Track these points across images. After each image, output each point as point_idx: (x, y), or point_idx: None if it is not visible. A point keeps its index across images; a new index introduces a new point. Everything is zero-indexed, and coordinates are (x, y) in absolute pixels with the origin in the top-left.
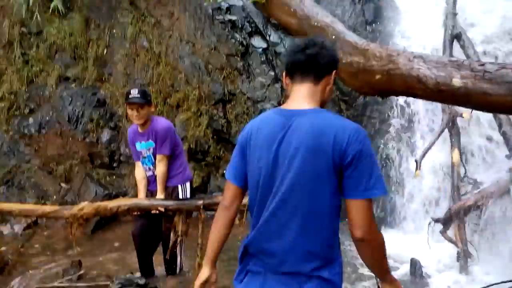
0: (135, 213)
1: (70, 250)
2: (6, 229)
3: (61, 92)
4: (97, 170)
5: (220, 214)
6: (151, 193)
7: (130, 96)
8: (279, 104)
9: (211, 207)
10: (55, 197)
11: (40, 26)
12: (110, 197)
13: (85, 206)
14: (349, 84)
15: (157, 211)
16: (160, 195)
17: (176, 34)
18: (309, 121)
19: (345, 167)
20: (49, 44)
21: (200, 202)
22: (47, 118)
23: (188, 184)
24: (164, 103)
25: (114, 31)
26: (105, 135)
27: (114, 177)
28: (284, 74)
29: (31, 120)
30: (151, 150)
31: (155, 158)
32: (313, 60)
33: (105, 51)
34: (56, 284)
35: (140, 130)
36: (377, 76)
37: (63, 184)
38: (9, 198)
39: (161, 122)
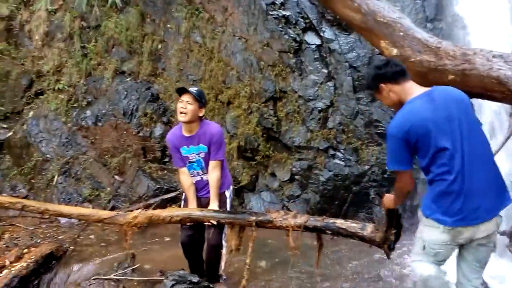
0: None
1: (123, 242)
2: (63, 219)
3: (116, 86)
4: (149, 164)
5: (405, 196)
6: (199, 199)
7: (183, 88)
8: (332, 103)
9: (264, 225)
10: (108, 189)
11: (99, 20)
12: (161, 191)
13: (139, 215)
14: (418, 83)
15: (209, 223)
16: (214, 202)
17: (229, 30)
18: (443, 93)
19: None
20: (106, 38)
21: (253, 218)
22: (103, 111)
23: (231, 188)
24: (215, 100)
25: (169, 25)
26: (158, 129)
27: (165, 171)
28: (382, 85)
29: (88, 112)
30: (202, 154)
31: (205, 162)
32: (403, 67)
33: (159, 46)
34: (112, 276)
35: (186, 134)
36: (450, 77)
37: (116, 177)
38: (66, 188)
39: (215, 126)
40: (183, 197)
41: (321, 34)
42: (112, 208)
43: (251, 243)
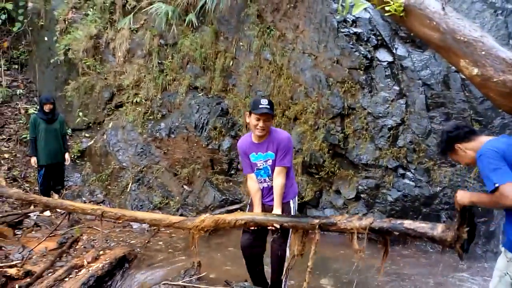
0: (252, 227)
1: (189, 250)
2: (135, 224)
3: (189, 100)
4: (216, 175)
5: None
6: (263, 205)
7: (260, 106)
8: (403, 121)
9: (327, 228)
10: (177, 198)
11: (176, 38)
12: (226, 202)
13: (206, 219)
14: (500, 105)
15: (273, 227)
16: (277, 208)
17: (299, 47)
18: None
19: None
20: (182, 55)
21: (316, 221)
22: (176, 123)
23: (296, 199)
24: (282, 115)
25: (241, 43)
26: (226, 143)
27: (231, 183)
28: (458, 145)
29: (162, 124)
30: (269, 161)
31: (272, 170)
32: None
33: (231, 63)
34: (180, 282)
35: (256, 141)
36: None
37: (185, 187)
38: (139, 195)
39: (283, 133)
40: (249, 201)
41: (394, 51)
42: (180, 216)
43: (314, 246)
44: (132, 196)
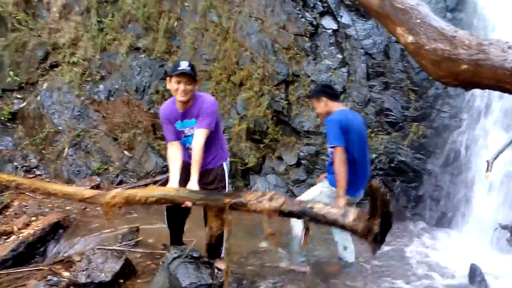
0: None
1: (128, 215)
2: None
3: (131, 62)
4: (158, 141)
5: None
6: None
7: (179, 68)
8: (344, 89)
9: (238, 207)
10: (117, 163)
11: None
12: (167, 169)
13: (117, 194)
14: (431, 72)
15: (187, 205)
16: (194, 175)
17: (246, 10)
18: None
19: None
20: (123, 13)
21: (227, 200)
22: (116, 86)
23: (228, 161)
24: (228, 81)
25: (186, 3)
26: None
27: None
28: (325, 98)
29: (101, 86)
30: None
31: None
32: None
33: (175, 23)
34: (115, 247)
35: (180, 109)
36: (463, 66)
37: (126, 152)
38: (76, 160)
39: (208, 98)
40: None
41: (338, 19)
42: (120, 183)
43: (226, 227)
44: (68, 161)
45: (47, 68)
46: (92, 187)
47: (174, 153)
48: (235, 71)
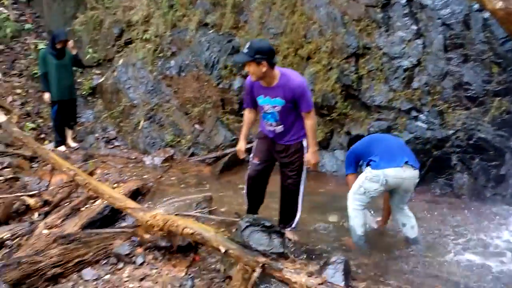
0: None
1: (200, 186)
2: (148, 160)
3: (199, 38)
4: (227, 115)
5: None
6: (273, 143)
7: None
8: (419, 62)
9: (271, 272)
10: (189, 136)
11: None
12: (237, 142)
13: (158, 215)
14: (509, 30)
15: (218, 251)
16: (311, 147)
17: None
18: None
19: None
20: None
21: (263, 259)
22: (187, 62)
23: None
24: (295, 54)
25: None
26: (237, 82)
27: (241, 123)
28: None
29: (172, 62)
30: (277, 108)
31: (280, 116)
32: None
33: None
34: (192, 213)
35: (264, 84)
36: None
37: (197, 126)
38: (151, 133)
39: (296, 80)
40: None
41: None
42: (192, 155)
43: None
44: (144, 133)
45: (122, 45)
46: (166, 159)
47: (246, 118)
48: (302, 44)
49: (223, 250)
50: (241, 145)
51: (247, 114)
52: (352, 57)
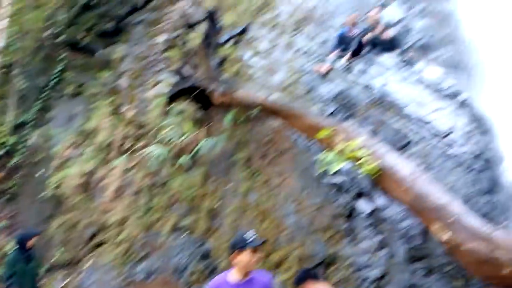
0: None
1: None
2: None
3: (172, 241)
4: None
5: None
6: None
7: (252, 239)
8: (385, 273)
9: None
10: None
11: (167, 177)
12: None
13: None
14: (474, 273)
15: None
16: None
17: (284, 193)
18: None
19: None
20: (170, 194)
21: None
22: (156, 265)
23: None
24: (264, 262)
25: (229, 185)
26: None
27: None
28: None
29: (141, 266)
30: None
31: None
32: None
33: (217, 204)
34: None
35: (238, 278)
36: (506, 270)
37: None
38: None
39: (266, 275)
40: None
41: (374, 201)
42: None
43: None
44: None
45: (93, 246)
46: None
47: None
48: (272, 251)
49: None
50: None
51: None
52: (321, 265)
